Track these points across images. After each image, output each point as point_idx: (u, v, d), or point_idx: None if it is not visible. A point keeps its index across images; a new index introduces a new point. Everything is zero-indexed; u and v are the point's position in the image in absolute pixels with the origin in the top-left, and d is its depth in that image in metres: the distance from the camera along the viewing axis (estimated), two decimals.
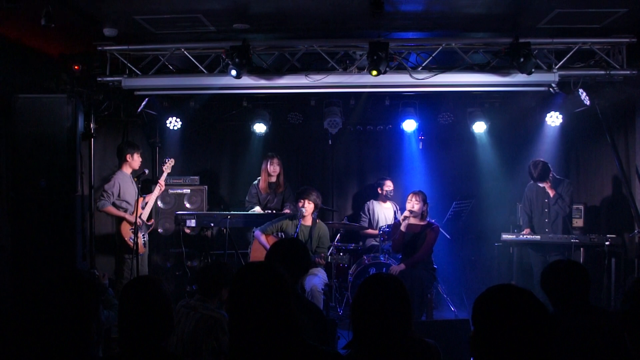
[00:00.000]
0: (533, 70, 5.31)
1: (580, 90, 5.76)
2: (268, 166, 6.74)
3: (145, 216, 6.21)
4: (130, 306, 2.17)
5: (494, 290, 1.81)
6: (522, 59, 5.17)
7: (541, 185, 6.28)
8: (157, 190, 6.37)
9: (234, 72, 5.37)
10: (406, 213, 5.84)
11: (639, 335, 1.95)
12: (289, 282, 2.05)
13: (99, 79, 5.79)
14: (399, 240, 5.86)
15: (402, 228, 5.82)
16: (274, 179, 6.80)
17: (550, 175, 6.23)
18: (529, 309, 1.72)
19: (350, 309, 2.30)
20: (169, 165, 6.49)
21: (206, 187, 7.23)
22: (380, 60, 5.17)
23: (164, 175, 6.44)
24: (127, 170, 6.22)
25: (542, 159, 6.27)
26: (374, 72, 5.25)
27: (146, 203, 6.26)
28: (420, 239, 5.78)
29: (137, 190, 6.17)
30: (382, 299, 2.21)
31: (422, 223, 5.86)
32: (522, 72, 5.32)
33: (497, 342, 1.70)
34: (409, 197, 5.85)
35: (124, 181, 6.13)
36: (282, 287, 2.01)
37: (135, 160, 6.23)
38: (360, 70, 5.62)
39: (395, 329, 2.18)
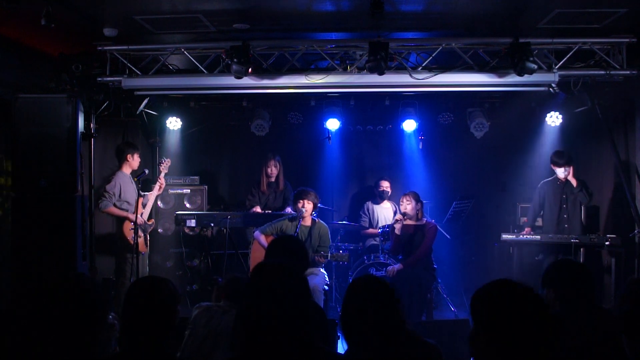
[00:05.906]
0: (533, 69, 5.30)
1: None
2: (266, 168, 6.84)
3: (145, 216, 6.22)
4: (135, 306, 2.15)
5: (492, 286, 1.75)
6: (521, 59, 5.17)
7: (564, 172, 6.11)
8: (156, 189, 6.38)
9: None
10: (398, 216, 5.89)
11: (637, 336, 1.95)
12: (306, 281, 2.03)
13: (99, 79, 5.77)
14: (395, 243, 5.88)
15: (397, 231, 5.83)
16: (273, 180, 6.88)
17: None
18: (530, 305, 1.66)
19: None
20: (166, 165, 6.49)
21: (206, 187, 7.24)
22: (380, 60, 5.17)
23: (163, 174, 6.45)
24: (126, 170, 6.22)
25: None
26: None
27: (146, 203, 6.26)
28: (417, 239, 5.78)
29: (136, 190, 6.17)
30: (364, 302, 2.23)
31: (418, 223, 5.86)
32: (522, 73, 5.32)
33: (498, 340, 1.63)
34: (401, 200, 5.90)
35: (124, 181, 6.13)
36: (302, 288, 1.98)
37: (135, 160, 6.24)
38: (360, 70, 5.62)
39: (384, 328, 2.18)
